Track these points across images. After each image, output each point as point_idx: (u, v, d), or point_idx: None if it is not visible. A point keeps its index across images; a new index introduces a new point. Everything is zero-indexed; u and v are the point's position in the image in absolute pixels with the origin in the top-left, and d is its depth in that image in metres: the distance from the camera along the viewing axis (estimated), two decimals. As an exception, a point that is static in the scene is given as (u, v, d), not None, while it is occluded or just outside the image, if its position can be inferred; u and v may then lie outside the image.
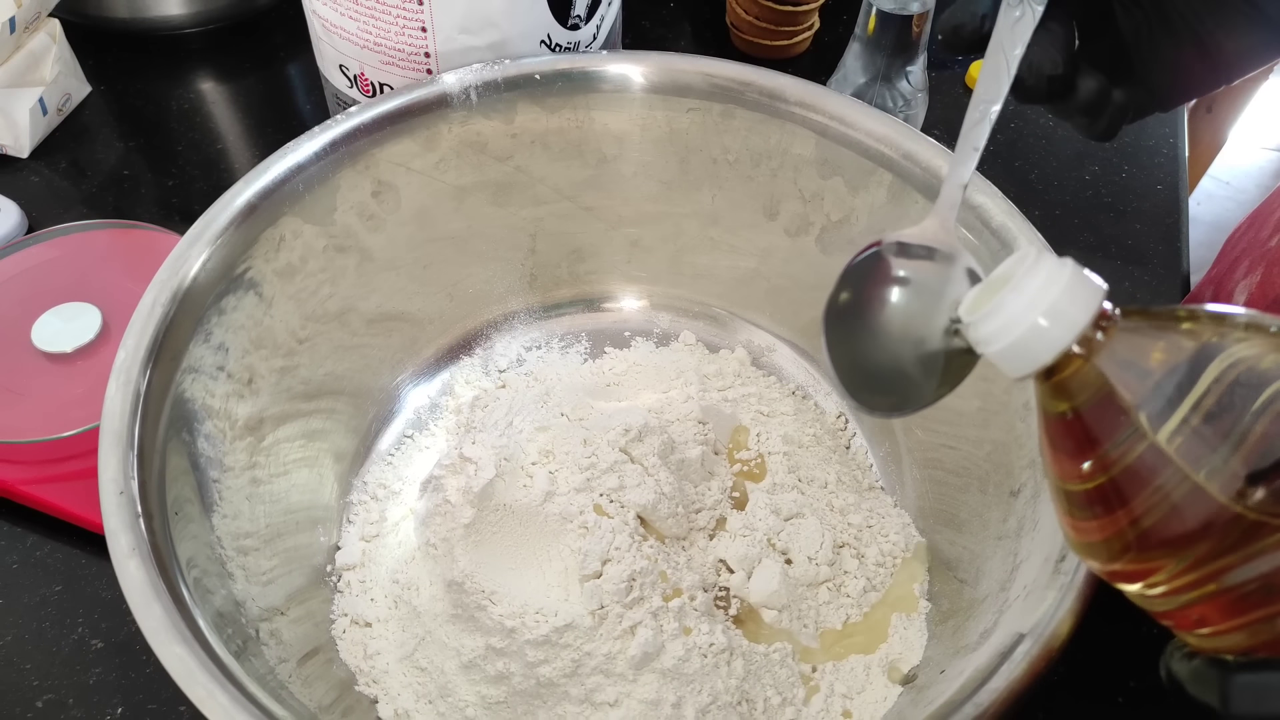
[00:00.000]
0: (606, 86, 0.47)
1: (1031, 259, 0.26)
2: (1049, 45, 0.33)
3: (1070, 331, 0.25)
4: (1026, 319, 0.25)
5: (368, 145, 0.45)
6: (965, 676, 0.33)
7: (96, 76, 0.66)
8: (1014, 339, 0.26)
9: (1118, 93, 0.35)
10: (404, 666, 0.41)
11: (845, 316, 0.34)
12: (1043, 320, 0.25)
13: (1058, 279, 0.25)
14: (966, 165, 0.34)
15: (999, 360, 0.26)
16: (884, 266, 0.34)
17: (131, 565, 0.32)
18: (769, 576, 0.42)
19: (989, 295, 0.27)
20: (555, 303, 0.54)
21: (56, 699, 0.41)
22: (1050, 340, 0.25)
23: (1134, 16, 0.34)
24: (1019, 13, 0.33)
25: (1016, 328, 0.25)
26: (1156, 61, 0.34)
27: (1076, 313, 0.25)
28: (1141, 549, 0.24)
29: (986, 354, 0.27)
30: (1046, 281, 0.25)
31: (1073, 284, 0.25)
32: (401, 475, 0.48)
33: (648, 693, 0.38)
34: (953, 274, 0.33)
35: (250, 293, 0.42)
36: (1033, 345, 0.25)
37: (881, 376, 0.33)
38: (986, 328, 0.26)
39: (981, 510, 0.42)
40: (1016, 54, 0.33)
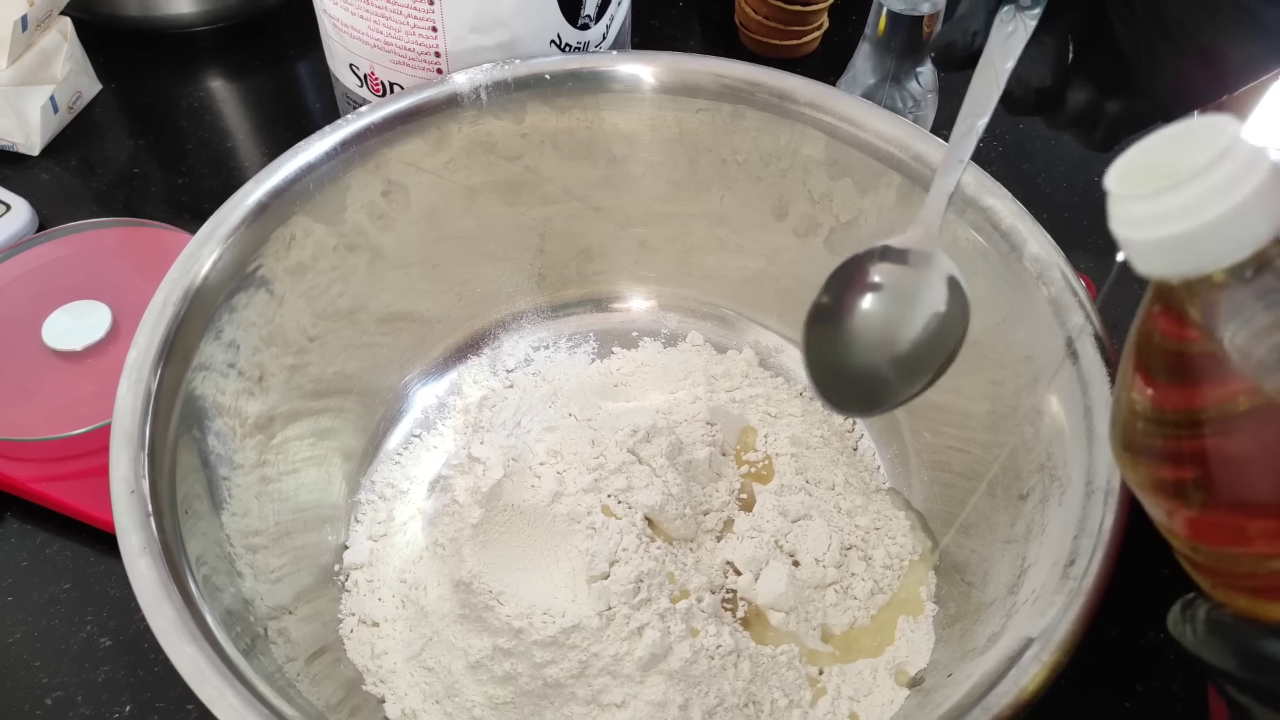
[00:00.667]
0: (616, 86, 0.47)
1: (1226, 139, 0.21)
2: (1038, 59, 0.34)
3: (1253, 239, 0.21)
4: (1204, 213, 0.21)
5: (378, 145, 0.45)
6: (973, 680, 0.33)
7: (107, 74, 0.66)
8: (1178, 231, 0.21)
9: (1112, 104, 0.35)
10: (411, 666, 0.41)
11: (823, 320, 0.35)
12: (1226, 217, 0.21)
13: (1254, 173, 0.21)
14: (952, 176, 0.34)
15: (1144, 251, 0.22)
16: (864, 273, 0.34)
17: (142, 564, 0.32)
18: (776, 578, 0.42)
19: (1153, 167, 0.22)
20: (563, 303, 0.54)
21: (65, 696, 0.41)
22: (1225, 243, 0.21)
23: (1133, 29, 0.34)
24: (1011, 27, 0.33)
25: (1186, 218, 0.21)
26: (1158, 72, 0.34)
27: (1264, 221, 0.21)
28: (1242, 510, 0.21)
29: (1129, 237, 0.22)
30: (1240, 173, 0.21)
31: (1269, 184, 0.21)
32: (409, 475, 0.48)
33: (655, 694, 0.38)
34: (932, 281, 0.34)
35: (261, 290, 0.42)
36: (1199, 245, 0.21)
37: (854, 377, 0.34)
38: (1145, 208, 0.21)
39: (990, 513, 0.42)
40: (1007, 68, 0.33)
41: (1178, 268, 0.22)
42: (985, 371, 0.42)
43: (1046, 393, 0.39)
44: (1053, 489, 0.37)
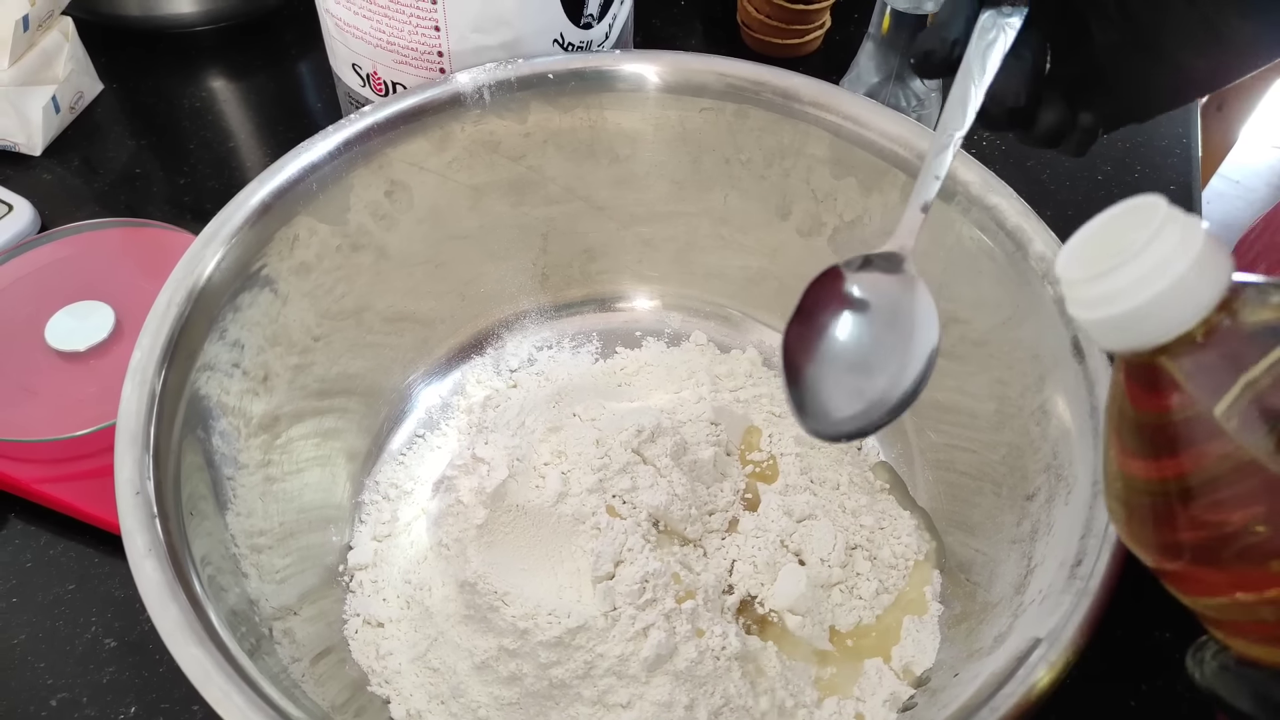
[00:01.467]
0: (620, 86, 0.47)
1: (1159, 214, 0.22)
2: (1016, 74, 0.34)
3: (1195, 310, 0.21)
4: (1147, 289, 0.21)
5: (381, 145, 0.45)
6: (980, 680, 0.32)
7: (108, 74, 0.66)
8: (1126, 309, 0.22)
9: (1084, 116, 0.36)
10: (416, 667, 0.41)
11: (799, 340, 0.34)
12: (1167, 292, 0.21)
13: (1190, 245, 0.21)
14: (928, 190, 0.34)
15: (1098, 329, 0.23)
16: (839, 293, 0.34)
17: (148, 566, 0.32)
18: (794, 581, 0.42)
19: (1095, 251, 0.23)
20: (567, 302, 0.54)
21: (70, 697, 0.41)
22: (1170, 316, 0.21)
23: (1110, 36, 0.34)
24: (992, 35, 0.33)
25: (1131, 297, 0.22)
26: (1132, 78, 0.35)
27: (1205, 289, 0.21)
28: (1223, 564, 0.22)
29: (1083, 319, 0.23)
30: (1178, 247, 0.21)
31: (1205, 254, 0.21)
32: (413, 475, 0.48)
33: (660, 694, 0.38)
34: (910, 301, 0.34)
35: (266, 290, 0.42)
36: (1147, 319, 0.22)
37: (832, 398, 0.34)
38: (1092, 290, 0.22)
39: (995, 513, 0.41)
40: (985, 80, 0.33)
41: (1131, 343, 0.22)
42: (991, 371, 0.42)
43: (1053, 392, 0.38)
44: (1059, 488, 0.37)
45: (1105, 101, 0.36)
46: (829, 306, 0.34)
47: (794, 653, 0.41)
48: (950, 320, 0.44)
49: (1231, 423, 0.21)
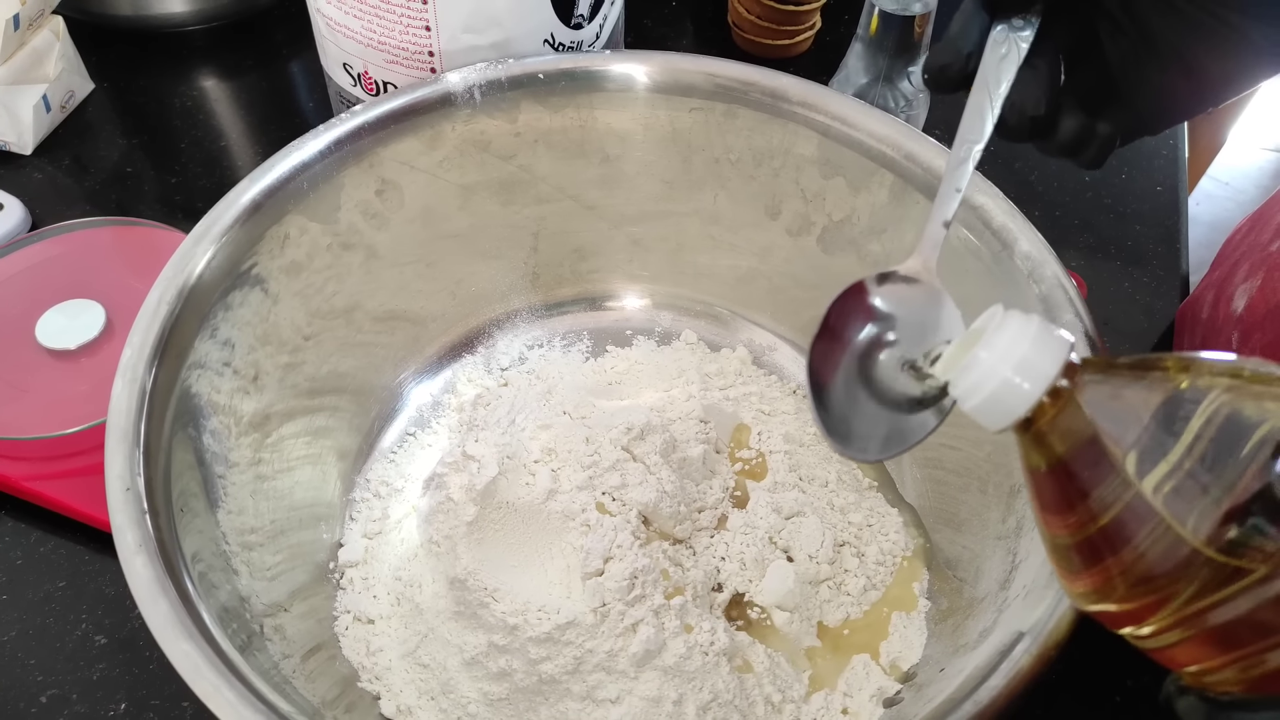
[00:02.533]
0: (610, 86, 0.48)
1: (999, 316, 0.27)
2: (1032, 84, 0.34)
3: (1040, 384, 0.26)
4: (998, 374, 0.26)
5: (372, 144, 0.45)
6: (965, 674, 0.33)
7: (99, 74, 0.66)
8: (988, 394, 0.26)
9: (1102, 125, 0.36)
10: (406, 663, 0.41)
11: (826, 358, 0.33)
12: (1013, 374, 0.26)
13: (1025, 334, 0.26)
14: (949, 205, 0.34)
15: (977, 415, 0.27)
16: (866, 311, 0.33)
17: (138, 562, 0.32)
18: (782, 577, 0.42)
19: (964, 351, 0.28)
20: (557, 301, 0.54)
21: (60, 694, 0.41)
22: (1022, 393, 0.26)
23: (1120, 44, 0.34)
24: (1005, 49, 0.33)
25: (990, 383, 0.26)
26: (1144, 87, 0.35)
27: (1045, 365, 0.26)
28: (1125, 597, 0.25)
29: (965, 409, 0.28)
30: (1015, 337, 0.26)
31: (1039, 338, 0.26)
32: (404, 473, 0.48)
33: (649, 690, 0.38)
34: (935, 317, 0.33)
35: (256, 289, 0.42)
36: (1006, 399, 0.26)
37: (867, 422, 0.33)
38: (962, 384, 0.27)
39: (981, 510, 0.42)
40: (1001, 92, 0.33)
41: (1002, 421, 0.27)
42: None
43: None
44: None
45: (1119, 111, 0.36)
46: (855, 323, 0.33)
47: (782, 649, 0.42)
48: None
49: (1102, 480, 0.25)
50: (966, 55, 0.34)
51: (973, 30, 0.34)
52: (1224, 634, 0.23)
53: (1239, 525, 0.22)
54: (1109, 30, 0.34)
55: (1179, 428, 0.24)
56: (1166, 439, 0.24)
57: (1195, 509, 0.23)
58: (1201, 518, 0.23)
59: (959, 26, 0.34)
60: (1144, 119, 0.36)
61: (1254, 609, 0.23)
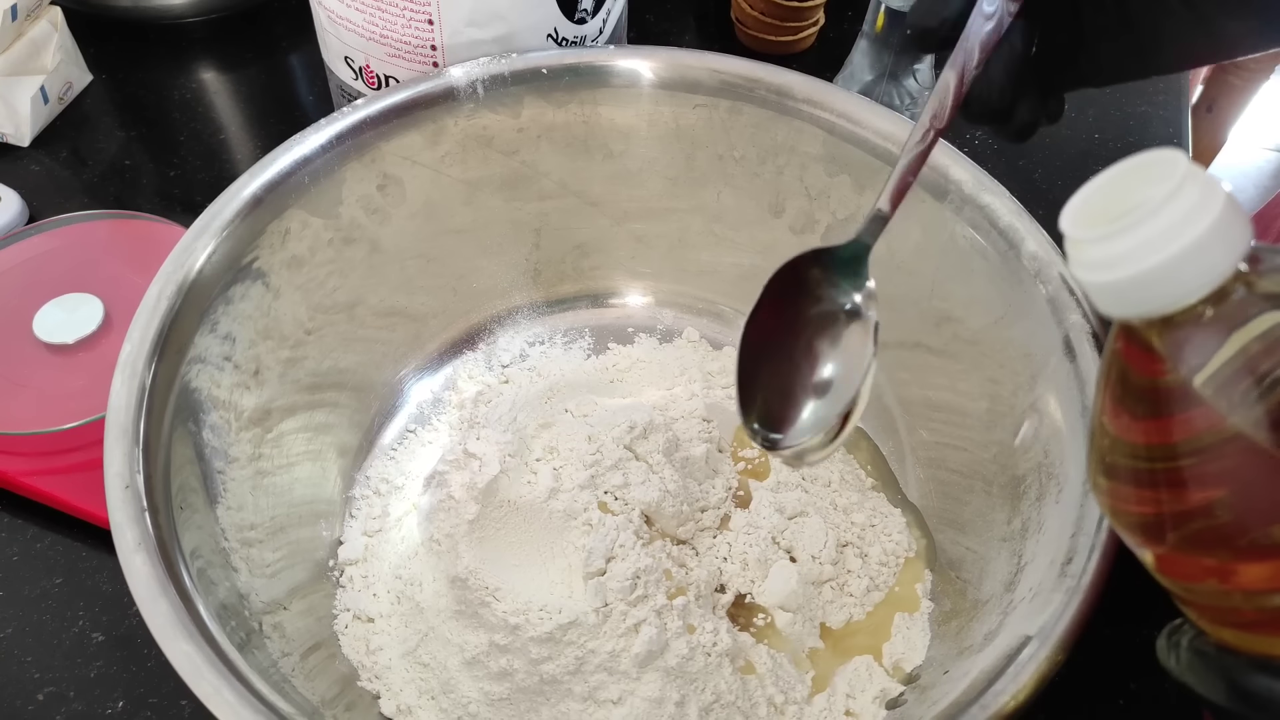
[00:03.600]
0: (614, 82, 0.47)
1: (1179, 174, 0.21)
2: (1002, 70, 0.34)
3: (1212, 276, 0.20)
4: (1161, 251, 0.20)
5: (373, 138, 0.44)
6: (971, 678, 0.33)
7: (98, 65, 0.65)
8: (1136, 272, 0.20)
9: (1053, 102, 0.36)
10: (406, 662, 0.41)
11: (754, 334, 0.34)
12: (1181, 257, 0.20)
13: (1209, 208, 0.20)
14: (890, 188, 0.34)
15: (1102, 293, 0.22)
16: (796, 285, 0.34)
17: (137, 560, 0.32)
18: (785, 578, 0.42)
19: (1105, 207, 0.22)
20: (559, 298, 0.54)
21: (57, 692, 0.41)
22: (1182, 283, 0.20)
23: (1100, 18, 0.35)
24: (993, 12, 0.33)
25: (1144, 258, 0.20)
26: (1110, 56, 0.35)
27: (1222, 255, 0.20)
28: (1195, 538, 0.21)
29: (1089, 280, 0.22)
30: (1195, 209, 0.20)
31: (1225, 217, 0.20)
32: (404, 470, 0.48)
33: (651, 690, 0.38)
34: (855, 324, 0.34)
35: (257, 283, 0.42)
36: (1156, 286, 0.20)
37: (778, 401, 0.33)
38: (1101, 250, 0.21)
39: (986, 511, 0.42)
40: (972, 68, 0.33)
41: (1137, 309, 0.21)
42: (983, 369, 0.42)
43: (1044, 391, 0.39)
44: (1050, 487, 0.37)
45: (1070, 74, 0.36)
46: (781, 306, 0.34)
47: (784, 650, 0.42)
48: (943, 319, 0.45)
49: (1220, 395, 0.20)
50: (953, 22, 0.34)
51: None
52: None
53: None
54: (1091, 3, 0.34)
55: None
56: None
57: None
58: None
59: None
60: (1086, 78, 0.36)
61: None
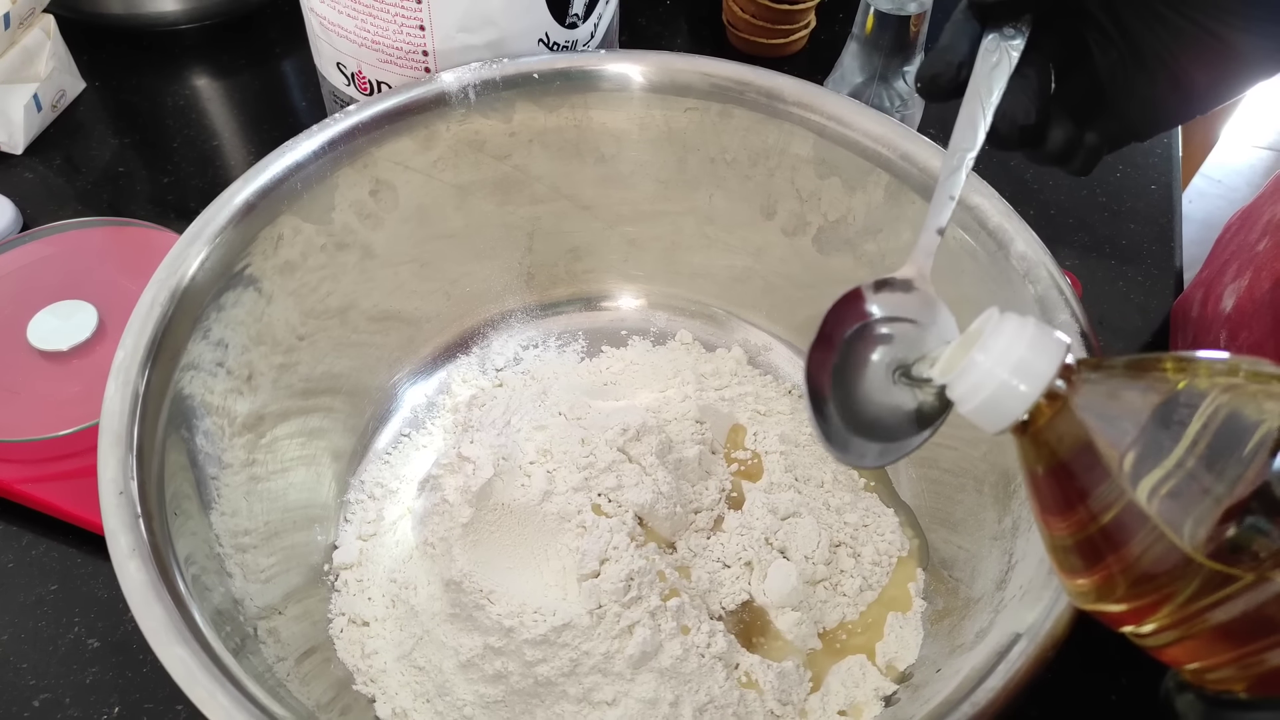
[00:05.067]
0: (605, 86, 0.47)
1: (995, 318, 0.27)
2: (1022, 93, 0.34)
3: (1037, 385, 0.26)
4: (995, 376, 0.26)
5: (366, 144, 0.45)
6: (962, 675, 0.33)
7: (91, 73, 0.65)
8: (986, 396, 0.26)
9: (1090, 135, 0.36)
10: (402, 665, 0.41)
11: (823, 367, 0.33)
12: (1010, 377, 0.26)
13: (1021, 336, 0.26)
14: (943, 213, 0.34)
15: (975, 417, 0.27)
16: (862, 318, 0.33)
17: (132, 566, 0.32)
18: (785, 577, 0.42)
19: (961, 354, 0.28)
20: (552, 301, 0.54)
21: (53, 698, 0.41)
22: (1019, 395, 0.26)
23: (1109, 55, 0.35)
24: (996, 58, 0.33)
25: (987, 386, 0.26)
26: (1132, 96, 0.35)
27: (1042, 366, 0.26)
28: (1125, 597, 0.25)
29: (963, 412, 0.28)
30: (1011, 339, 0.26)
31: (1036, 339, 0.26)
32: (399, 474, 0.48)
33: (645, 692, 0.38)
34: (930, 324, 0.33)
35: (250, 289, 0.42)
36: (1004, 401, 0.26)
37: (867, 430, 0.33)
38: (960, 387, 0.27)
39: (977, 510, 0.42)
40: (992, 101, 0.33)
41: (1000, 424, 0.27)
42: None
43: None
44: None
45: (1108, 120, 0.36)
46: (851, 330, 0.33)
47: (786, 653, 0.42)
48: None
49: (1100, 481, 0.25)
50: (958, 65, 0.34)
51: (963, 40, 0.34)
52: (1224, 633, 0.23)
53: (1238, 525, 0.22)
54: (1098, 40, 0.35)
55: (1177, 429, 0.24)
56: (1165, 440, 0.24)
57: (1195, 509, 0.23)
58: (1201, 518, 0.23)
59: (950, 36, 0.34)
60: (1132, 127, 0.36)
61: (1254, 608, 0.23)
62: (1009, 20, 0.33)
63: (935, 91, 0.35)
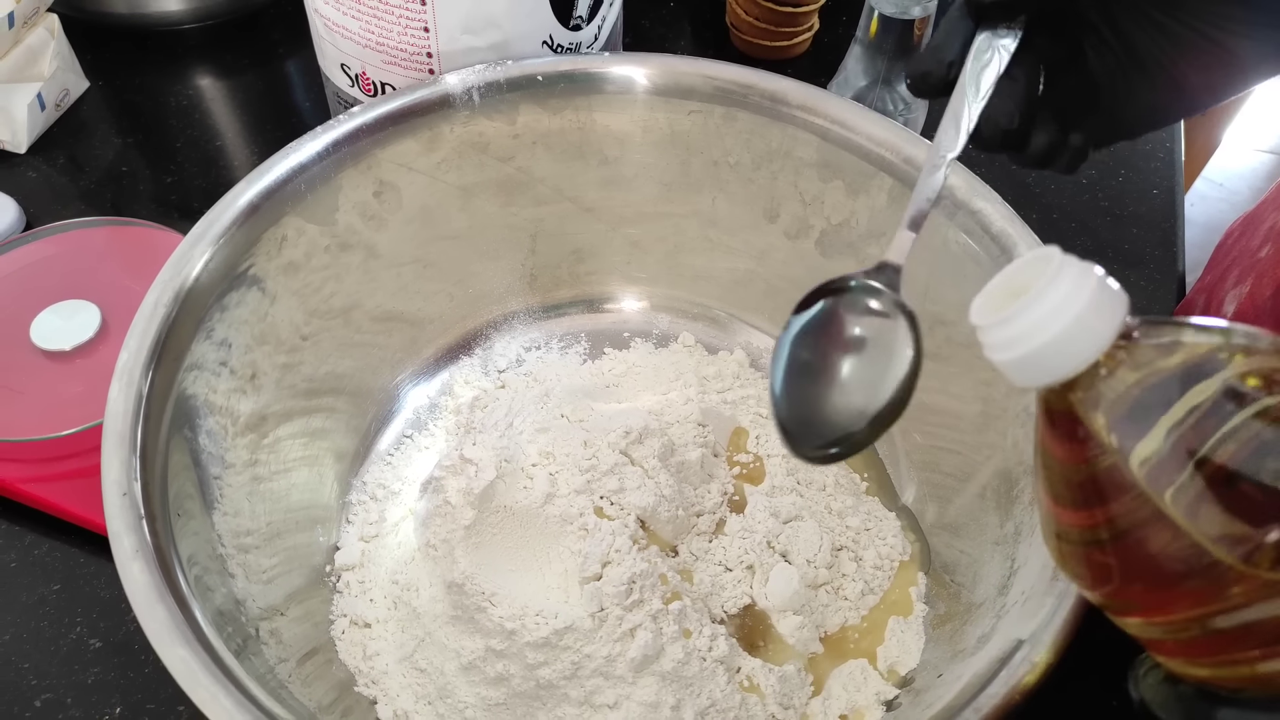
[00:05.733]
0: (609, 88, 0.47)
1: (1056, 262, 0.24)
2: (1008, 96, 0.34)
3: (1096, 345, 0.23)
4: (1048, 329, 0.23)
5: (370, 145, 0.45)
6: (964, 681, 0.33)
7: (95, 72, 0.65)
8: (1031, 349, 0.24)
9: (1075, 136, 0.36)
10: (403, 667, 0.41)
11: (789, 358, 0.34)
12: (1064, 334, 0.23)
13: (1084, 286, 0.23)
14: (919, 209, 0.34)
15: (1011, 369, 0.24)
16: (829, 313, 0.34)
17: (135, 568, 0.32)
18: (786, 580, 0.42)
19: (1004, 298, 0.25)
20: (555, 303, 0.54)
21: (55, 698, 0.41)
22: (1073, 353, 0.23)
23: (1106, 59, 0.35)
24: (987, 57, 0.33)
25: (1036, 337, 0.23)
26: (1131, 100, 0.35)
27: (1102, 325, 0.23)
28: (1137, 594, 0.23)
29: (996, 361, 0.25)
30: (1073, 289, 0.23)
31: (1099, 293, 0.23)
32: (401, 475, 0.48)
33: (647, 695, 0.38)
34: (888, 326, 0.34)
35: (253, 289, 0.42)
36: (1052, 357, 0.23)
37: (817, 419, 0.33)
38: (1002, 333, 0.24)
39: (979, 515, 0.42)
40: (978, 104, 0.33)
41: (1040, 379, 0.24)
42: (976, 373, 0.43)
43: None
44: (1042, 491, 0.37)
45: (1099, 120, 0.36)
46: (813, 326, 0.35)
47: (789, 658, 0.42)
48: (936, 323, 0.45)
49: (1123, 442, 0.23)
50: (949, 63, 0.34)
51: (956, 38, 0.34)
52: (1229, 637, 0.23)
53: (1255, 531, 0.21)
54: (1094, 45, 0.35)
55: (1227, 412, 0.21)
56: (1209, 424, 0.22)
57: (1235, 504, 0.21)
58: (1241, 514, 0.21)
59: (943, 34, 0.34)
60: (1125, 127, 0.36)
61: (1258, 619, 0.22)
62: (1004, 20, 0.34)
63: (925, 89, 0.35)
